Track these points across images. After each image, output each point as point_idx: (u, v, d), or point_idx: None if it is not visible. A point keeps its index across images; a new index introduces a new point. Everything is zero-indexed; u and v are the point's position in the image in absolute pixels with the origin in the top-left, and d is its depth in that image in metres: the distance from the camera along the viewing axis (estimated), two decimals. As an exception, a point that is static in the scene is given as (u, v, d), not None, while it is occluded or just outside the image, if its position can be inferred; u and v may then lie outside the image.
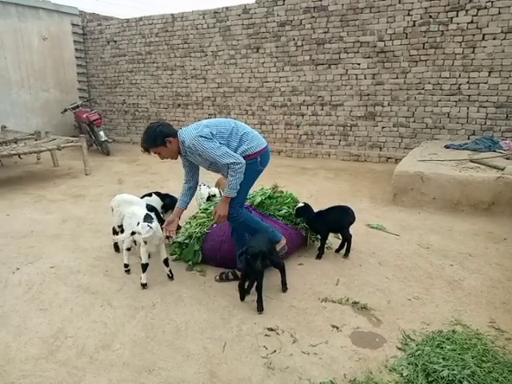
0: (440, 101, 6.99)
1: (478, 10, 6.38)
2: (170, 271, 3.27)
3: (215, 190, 4.21)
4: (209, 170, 3.21)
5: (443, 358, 2.17)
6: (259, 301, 2.80)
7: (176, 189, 4.93)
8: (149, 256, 3.16)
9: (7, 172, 7.36)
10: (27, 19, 9.59)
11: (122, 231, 3.88)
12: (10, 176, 7.09)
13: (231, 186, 2.91)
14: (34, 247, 3.98)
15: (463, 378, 2.01)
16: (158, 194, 4.21)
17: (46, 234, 4.32)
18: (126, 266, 3.41)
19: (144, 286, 3.14)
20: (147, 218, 3.16)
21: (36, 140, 7.64)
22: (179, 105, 9.75)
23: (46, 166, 7.73)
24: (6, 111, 9.35)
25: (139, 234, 3.01)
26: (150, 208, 3.78)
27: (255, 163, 3.05)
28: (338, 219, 3.59)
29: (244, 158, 2.94)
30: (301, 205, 3.62)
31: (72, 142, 7.17)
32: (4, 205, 5.39)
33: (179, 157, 3.17)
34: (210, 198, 4.13)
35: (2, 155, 6.45)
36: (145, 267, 3.12)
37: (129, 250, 3.45)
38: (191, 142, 2.93)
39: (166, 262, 3.24)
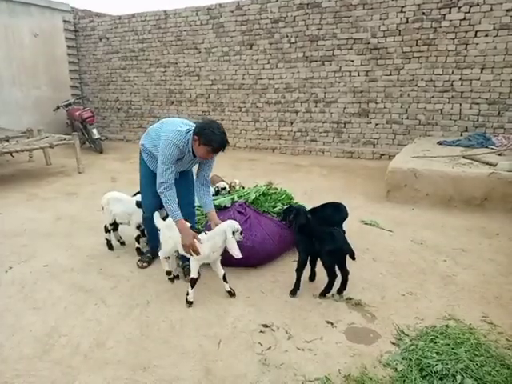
0: (433, 97, 7.02)
1: (471, 6, 6.41)
2: (231, 288, 2.99)
3: (225, 184, 4.17)
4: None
5: (437, 353, 2.19)
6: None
7: (170, 186, 4.91)
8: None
9: (-1, 170, 7.30)
10: (18, 15, 9.47)
11: (115, 229, 3.88)
12: (2, 174, 7.02)
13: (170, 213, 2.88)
14: (27, 246, 3.95)
15: (456, 371, 2.03)
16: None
17: (39, 233, 4.29)
18: (169, 273, 3.16)
19: (190, 303, 2.86)
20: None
21: (28, 138, 7.57)
22: (173, 102, 9.70)
23: (38, 164, 7.66)
24: (-3, 109, 9.25)
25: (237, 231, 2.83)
26: (140, 205, 3.75)
27: None
28: (332, 216, 3.60)
29: None
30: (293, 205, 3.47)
31: (65, 139, 7.12)
32: (-4, 203, 5.34)
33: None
34: (218, 192, 4.10)
35: (-7, 153, 6.38)
36: (194, 282, 2.85)
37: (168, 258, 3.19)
38: (170, 141, 2.87)
39: (224, 278, 2.98)
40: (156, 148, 3.05)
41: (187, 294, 2.87)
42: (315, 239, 2.93)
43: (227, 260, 3.35)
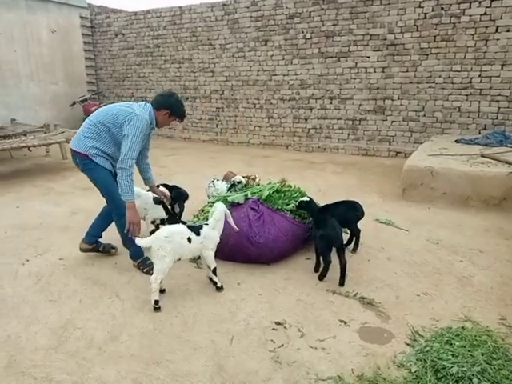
0: (451, 94, 6.89)
1: (492, 1, 6.26)
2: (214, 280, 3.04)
3: (241, 178, 4.10)
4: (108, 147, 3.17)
5: (452, 355, 2.15)
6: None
7: (183, 182, 4.93)
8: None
9: (17, 164, 7.42)
10: (36, 12, 9.61)
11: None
12: (20, 168, 7.14)
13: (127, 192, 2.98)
14: (43, 239, 4.01)
15: (473, 375, 1.99)
16: (165, 186, 4.21)
17: (55, 226, 4.35)
18: (157, 302, 2.78)
19: (221, 288, 2.98)
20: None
21: (45, 133, 7.70)
22: (187, 98, 9.73)
23: (54, 159, 7.77)
24: (15, 104, 9.42)
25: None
26: (156, 201, 3.78)
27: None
28: (346, 214, 3.56)
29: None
30: (305, 199, 3.57)
31: (81, 134, 7.19)
32: (14, 197, 5.44)
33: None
34: (233, 185, 4.04)
35: (11, 148, 6.50)
36: (215, 270, 2.97)
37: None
38: (140, 117, 2.99)
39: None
40: (114, 136, 3.09)
41: (215, 284, 2.98)
42: (313, 225, 3.35)
43: (241, 256, 3.38)
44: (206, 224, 2.99)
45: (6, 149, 6.45)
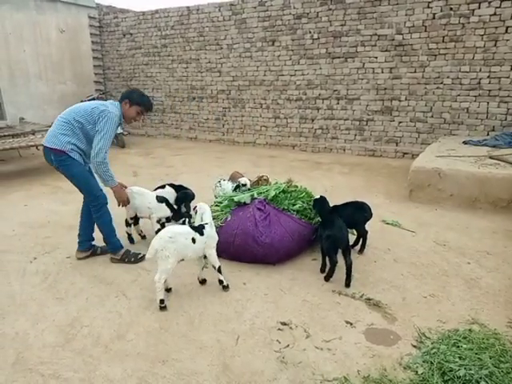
0: (459, 95, 6.84)
1: (502, 1, 6.20)
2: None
3: (246, 180, 4.10)
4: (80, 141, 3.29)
5: (460, 357, 2.13)
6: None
7: (190, 181, 4.95)
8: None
9: (25, 163, 7.49)
10: (45, 12, 9.68)
11: (136, 223, 3.93)
12: (28, 167, 7.21)
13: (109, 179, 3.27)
14: (51, 237, 4.05)
15: (480, 378, 1.98)
16: (171, 185, 4.22)
17: (63, 225, 4.38)
18: (162, 301, 2.79)
19: (227, 287, 3.02)
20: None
21: (53, 132, 7.74)
22: (194, 98, 9.76)
23: (62, 158, 7.82)
24: (24, 103, 9.49)
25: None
26: (160, 199, 3.80)
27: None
28: (354, 215, 3.54)
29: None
30: (317, 197, 3.60)
31: (88, 134, 7.24)
32: (22, 195, 5.49)
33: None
34: (238, 187, 4.05)
35: (20, 146, 6.56)
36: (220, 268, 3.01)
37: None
38: (113, 113, 3.24)
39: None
40: (87, 132, 3.23)
41: (221, 283, 3.01)
42: (320, 225, 3.34)
43: (247, 256, 3.38)
44: (206, 224, 2.99)
45: (14, 147, 6.51)
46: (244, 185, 4.01)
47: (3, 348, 2.39)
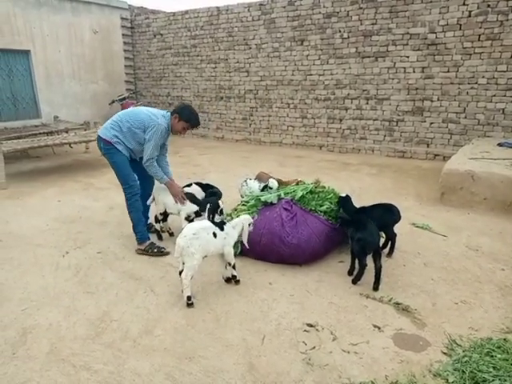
0: (494, 96, 6.60)
1: (542, -2, 5.95)
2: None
3: (275, 183, 4.08)
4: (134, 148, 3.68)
5: (494, 368, 2.06)
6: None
7: (217, 180, 4.99)
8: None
9: (59, 160, 7.75)
10: (80, 14, 9.98)
11: (164, 220, 3.99)
12: (61, 164, 7.45)
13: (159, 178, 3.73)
14: (82, 232, 4.17)
15: (516, 389, 1.90)
16: (198, 184, 4.27)
17: (94, 221, 4.50)
18: (190, 298, 2.84)
19: (238, 282, 3.12)
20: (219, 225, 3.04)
21: (85, 130, 7.99)
22: (222, 98, 9.83)
23: (94, 155, 8.04)
24: (58, 102, 9.82)
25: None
26: (186, 196, 3.85)
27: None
28: (383, 217, 3.47)
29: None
30: (342, 195, 3.60)
31: (119, 132, 7.41)
32: (55, 191, 5.67)
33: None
34: (266, 187, 4.07)
35: (54, 144, 6.79)
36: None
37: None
38: (161, 125, 3.54)
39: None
40: (135, 133, 3.58)
41: (234, 278, 3.11)
42: (350, 227, 3.20)
43: (273, 256, 3.38)
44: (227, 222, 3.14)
45: (49, 145, 6.74)
46: (271, 188, 3.99)
47: (38, 338, 2.48)
